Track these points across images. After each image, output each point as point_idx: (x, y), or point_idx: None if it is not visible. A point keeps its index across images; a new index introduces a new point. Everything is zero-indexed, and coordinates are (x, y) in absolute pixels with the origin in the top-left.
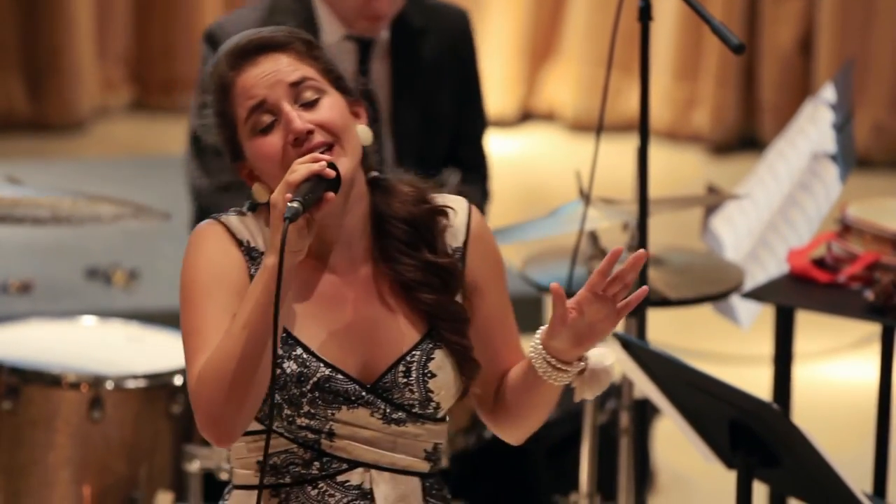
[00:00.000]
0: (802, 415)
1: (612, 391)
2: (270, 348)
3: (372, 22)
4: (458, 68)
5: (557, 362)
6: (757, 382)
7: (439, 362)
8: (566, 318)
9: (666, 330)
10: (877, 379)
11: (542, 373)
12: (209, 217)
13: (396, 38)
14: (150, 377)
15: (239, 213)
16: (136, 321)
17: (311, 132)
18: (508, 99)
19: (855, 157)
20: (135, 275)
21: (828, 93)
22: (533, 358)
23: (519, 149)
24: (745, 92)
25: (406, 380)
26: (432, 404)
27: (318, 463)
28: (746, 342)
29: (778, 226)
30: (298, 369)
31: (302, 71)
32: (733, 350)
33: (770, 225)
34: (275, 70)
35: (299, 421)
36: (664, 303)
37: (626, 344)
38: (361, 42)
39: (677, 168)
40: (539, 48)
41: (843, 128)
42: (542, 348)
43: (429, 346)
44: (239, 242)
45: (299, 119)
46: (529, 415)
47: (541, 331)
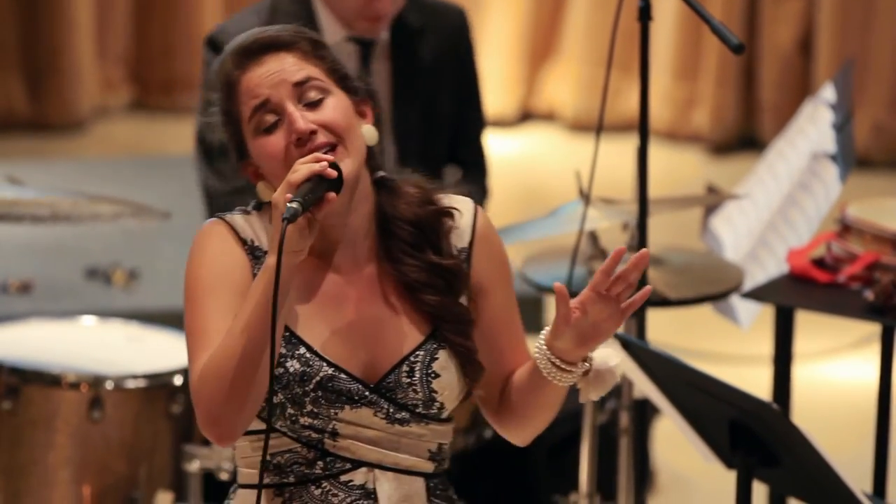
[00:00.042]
0: (802, 415)
1: (612, 391)
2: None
3: (372, 22)
4: (458, 67)
5: (562, 363)
6: (757, 382)
7: (443, 363)
8: (570, 318)
9: (666, 330)
10: (876, 379)
11: (547, 373)
12: (214, 216)
13: (396, 39)
14: (150, 377)
15: (244, 212)
16: (136, 321)
17: (314, 132)
18: (508, 99)
19: (855, 157)
20: (135, 275)
21: (827, 93)
22: (537, 358)
23: (519, 149)
24: (745, 92)
25: (410, 380)
26: (436, 404)
27: (322, 462)
28: (746, 342)
29: (778, 226)
30: (301, 368)
31: (307, 71)
32: (733, 350)
33: (770, 225)
34: (279, 69)
35: (302, 420)
36: (664, 303)
37: (626, 344)
38: (362, 43)
39: (677, 168)
40: (539, 48)
41: (843, 128)
42: (547, 349)
43: (433, 347)
44: (243, 242)
45: (302, 119)
46: (535, 416)
47: (545, 331)
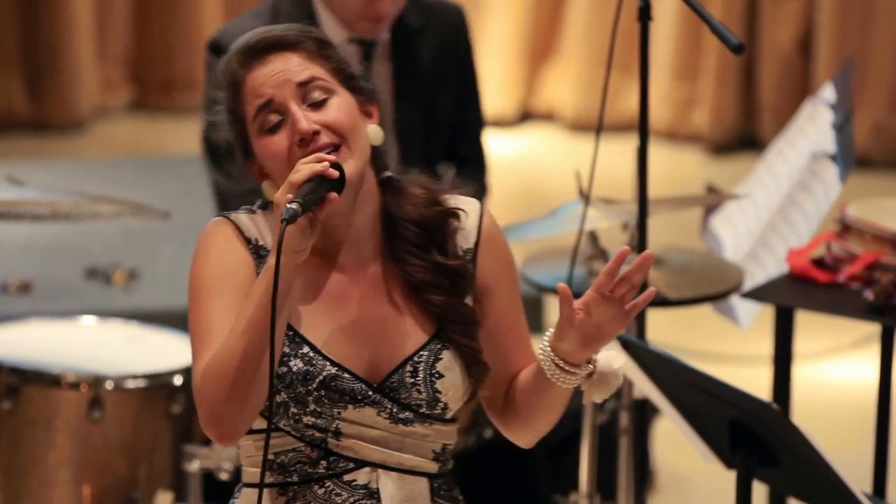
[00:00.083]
0: (802, 415)
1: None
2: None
3: (374, 23)
4: (457, 66)
5: (566, 364)
6: (756, 382)
7: (447, 363)
8: (573, 319)
9: (666, 330)
10: (876, 379)
11: (551, 375)
12: (219, 215)
13: (396, 39)
14: (150, 377)
15: (249, 211)
16: (136, 321)
17: (317, 133)
18: (508, 99)
19: (854, 157)
20: (134, 275)
21: (827, 92)
22: (541, 360)
23: (518, 149)
24: (745, 92)
25: (413, 380)
26: (440, 405)
27: (325, 462)
28: (746, 342)
29: (777, 226)
30: (304, 367)
31: (311, 70)
32: (733, 350)
33: (770, 225)
34: (284, 69)
35: (305, 419)
36: (664, 303)
37: (626, 344)
38: (363, 44)
39: (677, 168)
40: (539, 48)
41: (843, 127)
42: (551, 350)
43: (437, 347)
44: (247, 241)
45: (305, 120)
46: (539, 417)
47: (549, 333)
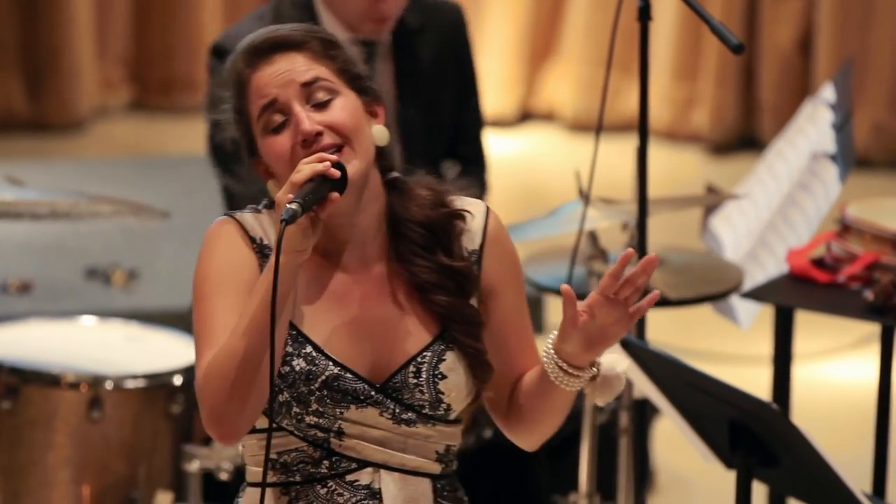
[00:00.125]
0: (802, 415)
1: None
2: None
3: (378, 24)
4: (457, 64)
5: (569, 367)
6: (756, 382)
7: (450, 364)
8: (577, 321)
9: (665, 330)
10: (876, 379)
11: (554, 378)
12: (224, 214)
13: (397, 39)
14: (150, 377)
15: (254, 211)
16: (136, 321)
17: (320, 134)
18: (508, 99)
19: (854, 157)
20: (134, 275)
21: (827, 92)
22: (545, 363)
23: (518, 149)
24: (745, 92)
25: (416, 380)
26: (443, 406)
27: (328, 462)
28: (746, 342)
29: (777, 226)
30: (307, 367)
31: (316, 71)
32: (733, 350)
33: (769, 225)
34: (288, 69)
35: (308, 419)
36: (664, 303)
37: (626, 344)
38: (365, 45)
39: (677, 168)
40: (538, 48)
41: (843, 127)
42: (554, 353)
43: (440, 348)
44: (252, 240)
45: (308, 120)
46: (543, 420)
47: (552, 336)
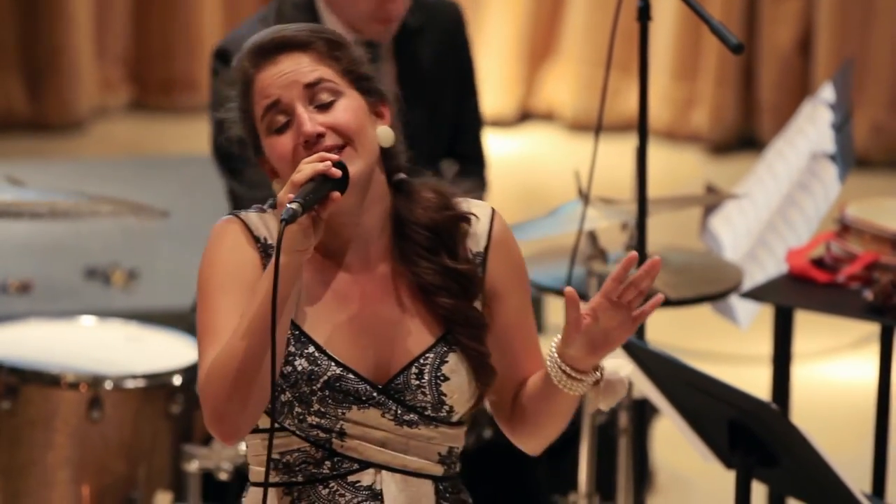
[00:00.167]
0: (801, 415)
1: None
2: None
3: (385, 25)
4: (457, 63)
5: (572, 371)
6: (756, 382)
7: (453, 366)
8: (580, 324)
9: (665, 330)
10: (875, 379)
11: (558, 381)
12: (229, 213)
13: (397, 40)
14: (149, 377)
15: (259, 210)
16: (135, 321)
17: (322, 135)
18: (507, 99)
19: (854, 157)
20: (134, 275)
21: (827, 92)
22: (548, 366)
23: (518, 149)
24: (744, 92)
25: (419, 382)
26: (445, 407)
27: (330, 462)
28: (745, 342)
29: (777, 226)
30: (309, 367)
31: (320, 72)
32: (732, 350)
33: (769, 225)
34: (292, 70)
35: (310, 419)
36: (663, 302)
37: (626, 344)
38: (368, 46)
39: (676, 168)
40: (538, 48)
41: (842, 127)
42: (558, 357)
43: (443, 350)
44: (256, 239)
45: (310, 122)
46: (546, 424)
47: (556, 340)
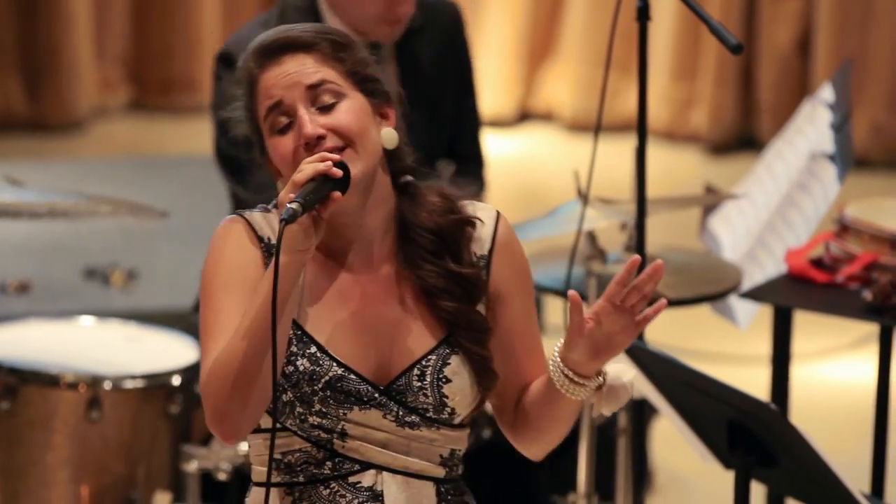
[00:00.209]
0: (800, 415)
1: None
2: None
3: (393, 26)
4: (456, 63)
5: (575, 375)
6: (755, 382)
7: (455, 368)
8: (583, 329)
9: (664, 330)
10: (875, 379)
11: (560, 386)
12: (233, 213)
13: (398, 40)
14: (148, 377)
15: (264, 210)
16: (135, 321)
17: (323, 137)
18: (506, 99)
19: (853, 157)
20: (133, 275)
21: (826, 93)
22: (551, 370)
23: (517, 149)
24: (744, 92)
25: (420, 383)
26: (447, 409)
27: (331, 463)
28: (744, 342)
29: (776, 226)
30: (311, 367)
31: (323, 73)
32: (731, 350)
33: (768, 225)
34: (296, 71)
35: (311, 419)
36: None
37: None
38: (372, 47)
39: (675, 168)
40: (537, 48)
41: (842, 128)
42: (561, 361)
43: (445, 352)
44: (259, 239)
45: (311, 124)
46: (548, 429)
47: (559, 344)
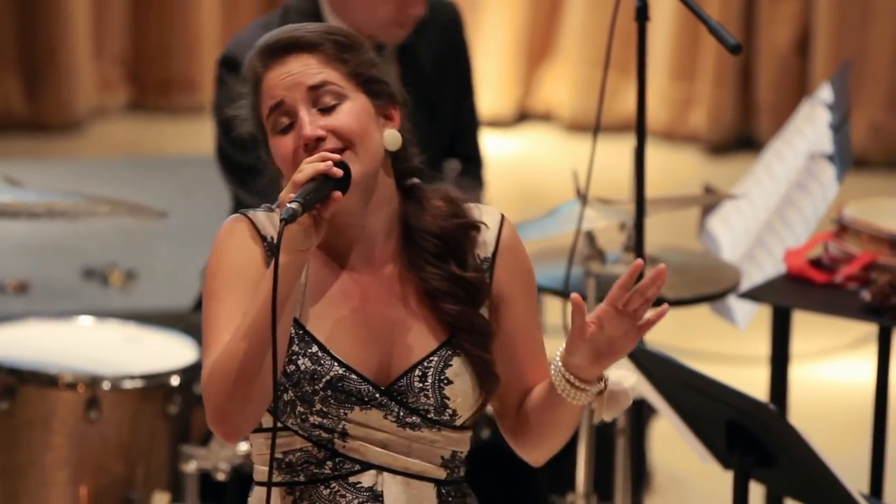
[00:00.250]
0: (799, 415)
1: None
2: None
3: (405, 28)
4: (455, 63)
5: (577, 380)
6: (753, 383)
7: (457, 369)
8: (585, 332)
9: (662, 330)
10: (873, 379)
11: (561, 391)
12: (237, 212)
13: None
14: (147, 377)
15: (268, 210)
16: (133, 321)
17: (322, 138)
18: (505, 99)
19: (852, 158)
20: (132, 275)
21: (825, 93)
22: (552, 375)
23: (516, 149)
24: (742, 92)
25: (421, 384)
26: (448, 411)
27: (331, 463)
28: (743, 342)
29: (775, 226)
30: (312, 366)
31: (325, 74)
32: (730, 350)
33: (767, 225)
34: (298, 72)
35: (312, 419)
36: (661, 303)
37: None
38: (377, 49)
39: (674, 168)
40: (536, 48)
41: (840, 128)
42: (562, 366)
43: (447, 353)
44: (263, 238)
45: (310, 125)
46: (550, 435)
47: (561, 349)
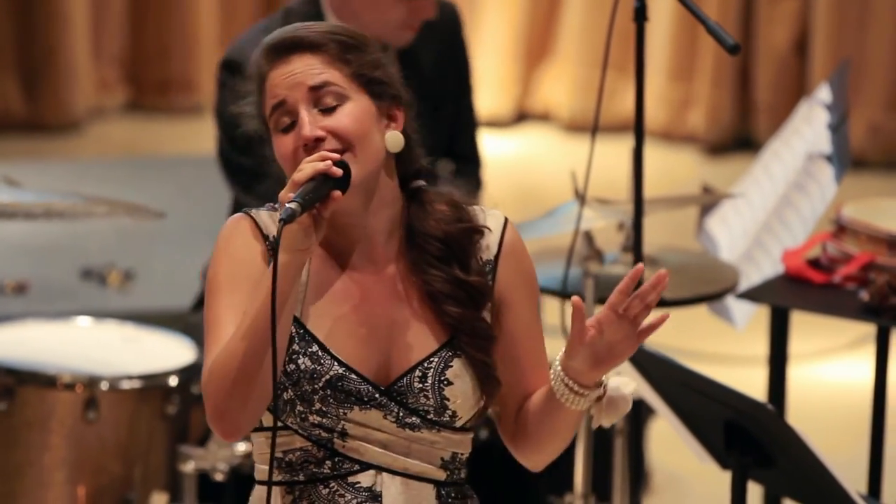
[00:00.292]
0: (797, 415)
1: None
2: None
3: (414, 31)
4: (455, 63)
5: (576, 385)
6: (752, 383)
7: (457, 371)
8: (584, 336)
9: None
10: (871, 379)
11: (560, 395)
12: (240, 211)
13: None
14: (145, 378)
15: (271, 209)
16: (131, 322)
17: (321, 139)
18: (504, 99)
19: (850, 158)
20: (130, 275)
21: (823, 93)
22: (552, 380)
23: (514, 149)
24: (741, 92)
25: (421, 385)
26: (448, 412)
27: (331, 462)
28: (741, 343)
29: (773, 226)
30: (312, 366)
31: (327, 75)
32: (728, 350)
33: (765, 225)
34: (301, 71)
35: (311, 418)
36: (660, 303)
37: None
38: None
39: (672, 168)
40: (534, 49)
41: (839, 128)
42: (562, 370)
43: (448, 354)
44: (265, 237)
45: (310, 126)
46: (549, 440)
47: (560, 354)
